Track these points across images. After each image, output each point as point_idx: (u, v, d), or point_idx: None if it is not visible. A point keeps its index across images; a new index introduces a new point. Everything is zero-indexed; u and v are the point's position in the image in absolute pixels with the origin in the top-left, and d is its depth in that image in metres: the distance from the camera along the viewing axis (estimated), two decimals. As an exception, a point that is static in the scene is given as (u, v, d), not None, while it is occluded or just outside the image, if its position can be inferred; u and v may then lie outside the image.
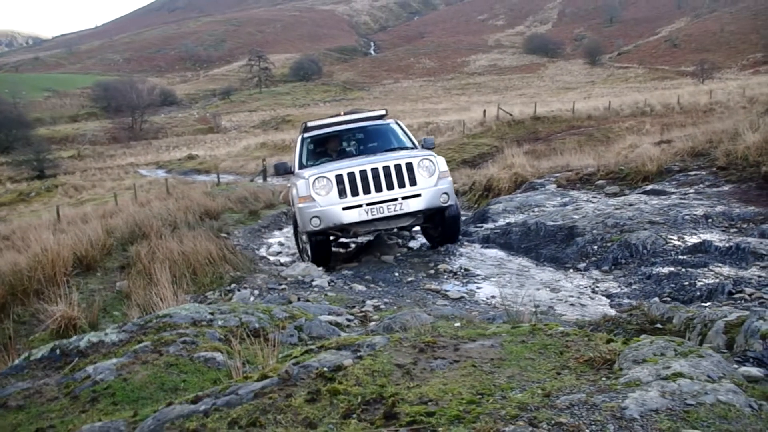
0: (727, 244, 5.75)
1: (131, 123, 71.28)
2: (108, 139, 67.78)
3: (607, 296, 5.33)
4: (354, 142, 9.05)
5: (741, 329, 2.70)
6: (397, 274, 6.58)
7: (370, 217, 7.08)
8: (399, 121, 9.21)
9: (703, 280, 4.97)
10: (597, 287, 5.61)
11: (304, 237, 7.76)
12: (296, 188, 7.36)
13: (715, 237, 6.19)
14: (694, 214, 7.13)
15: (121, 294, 6.65)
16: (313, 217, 7.06)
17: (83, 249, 7.87)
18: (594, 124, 31.19)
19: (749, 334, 2.61)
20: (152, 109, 78.36)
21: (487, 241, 8.06)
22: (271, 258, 8.83)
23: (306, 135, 8.80)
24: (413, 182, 7.19)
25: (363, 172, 7.12)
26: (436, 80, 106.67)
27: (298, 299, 5.49)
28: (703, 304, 4.48)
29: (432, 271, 6.59)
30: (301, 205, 7.19)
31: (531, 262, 6.92)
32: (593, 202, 8.85)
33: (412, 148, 8.30)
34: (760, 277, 4.76)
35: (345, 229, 7.42)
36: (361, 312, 4.92)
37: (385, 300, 5.31)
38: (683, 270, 5.31)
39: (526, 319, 3.30)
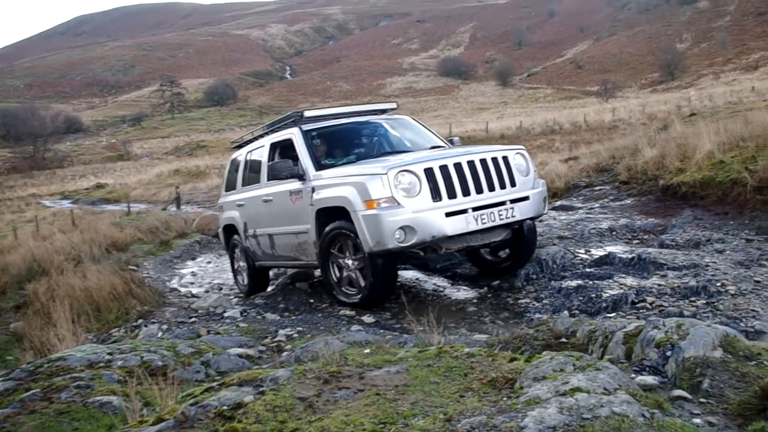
0: (629, 256, 6.00)
1: (33, 152, 67.63)
2: (7, 169, 63.93)
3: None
4: (376, 139, 6.95)
5: (638, 339, 2.78)
6: (312, 300, 6.46)
7: (479, 226, 5.32)
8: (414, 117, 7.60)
9: (609, 291, 5.15)
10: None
11: (351, 262, 5.66)
12: (357, 189, 5.21)
13: (619, 249, 6.47)
14: (600, 228, 7.44)
15: (16, 336, 6.19)
16: (401, 227, 5.02)
17: (-28, 290, 7.31)
18: (507, 142, 32.31)
19: (645, 344, 2.70)
20: (56, 137, 74.66)
21: (402, 262, 8.05)
22: (183, 290, 8.49)
23: (307, 128, 6.51)
24: (513, 182, 5.61)
25: (458, 166, 5.33)
26: (353, 103, 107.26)
27: (208, 332, 5.29)
28: (608, 315, 4.63)
29: (348, 296, 6.51)
30: (374, 212, 5.05)
31: (446, 282, 6.97)
32: (505, 219, 9.07)
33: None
34: (660, 285, 4.99)
35: (435, 246, 5.42)
36: (274, 342, 4.78)
37: (299, 329, 5.19)
38: (590, 282, 5.49)
39: (435, 341, 3.29)
